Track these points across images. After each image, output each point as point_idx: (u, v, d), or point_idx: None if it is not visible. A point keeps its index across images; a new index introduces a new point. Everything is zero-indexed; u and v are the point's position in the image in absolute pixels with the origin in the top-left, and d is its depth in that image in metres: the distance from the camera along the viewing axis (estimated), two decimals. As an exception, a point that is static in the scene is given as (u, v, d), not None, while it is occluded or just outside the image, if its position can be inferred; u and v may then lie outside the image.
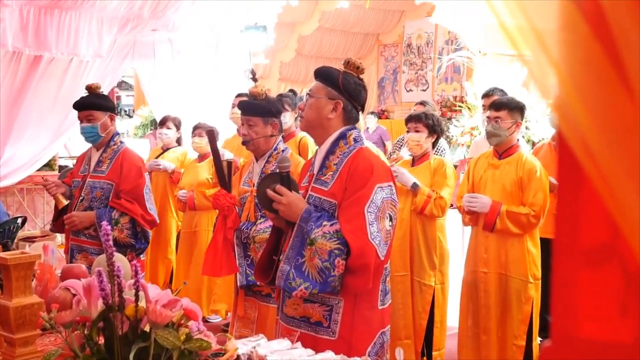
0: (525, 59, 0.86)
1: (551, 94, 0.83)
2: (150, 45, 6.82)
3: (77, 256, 3.59)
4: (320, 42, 13.26)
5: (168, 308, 1.46)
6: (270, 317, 3.04)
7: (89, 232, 3.58)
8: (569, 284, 0.82)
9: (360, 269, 2.19)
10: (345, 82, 2.35)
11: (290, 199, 2.28)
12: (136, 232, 3.59)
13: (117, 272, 1.42)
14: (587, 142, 0.78)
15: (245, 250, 3.11)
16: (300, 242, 2.26)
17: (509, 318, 3.66)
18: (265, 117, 3.12)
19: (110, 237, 1.45)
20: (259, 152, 3.19)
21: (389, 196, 2.27)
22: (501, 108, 3.68)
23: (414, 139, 4.07)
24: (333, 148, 2.37)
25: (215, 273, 3.17)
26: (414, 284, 4.07)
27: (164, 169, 5.54)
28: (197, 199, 5.09)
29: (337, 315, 2.28)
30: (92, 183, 3.60)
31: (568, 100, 0.79)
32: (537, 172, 3.60)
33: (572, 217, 0.84)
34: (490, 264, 3.69)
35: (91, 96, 3.61)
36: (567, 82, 0.80)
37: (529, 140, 5.63)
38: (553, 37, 0.80)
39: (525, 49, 0.84)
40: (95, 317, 1.50)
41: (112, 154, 3.62)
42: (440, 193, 3.96)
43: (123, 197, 3.56)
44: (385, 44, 14.34)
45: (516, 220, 3.59)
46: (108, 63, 6.46)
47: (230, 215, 3.10)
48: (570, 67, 0.80)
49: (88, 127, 3.57)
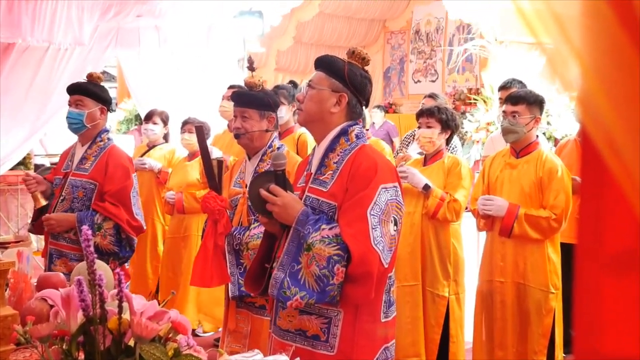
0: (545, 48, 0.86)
1: (573, 86, 0.83)
2: (135, 33, 6.83)
3: (56, 261, 3.59)
4: (320, 28, 13.26)
5: (154, 321, 1.47)
6: (265, 331, 3.03)
7: (69, 236, 3.58)
8: (593, 294, 0.82)
9: (362, 277, 2.18)
10: (351, 73, 2.35)
11: (285, 200, 2.28)
12: (120, 239, 3.59)
13: (98, 281, 1.42)
14: (613, 138, 0.78)
15: (238, 258, 3.11)
16: (296, 248, 2.26)
17: (528, 332, 3.66)
18: (262, 109, 3.12)
19: (92, 242, 1.45)
20: (251, 149, 3.18)
21: (393, 198, 2.27)
22: (519, 102, 3.68)
23: (425, 136, 4.06)
24: (333, 145, 2.36)
25: (205, 283, 3.16)
26: (426, 295, 4.06)
27: (150, 168, 5.54)
28: (186, 201, 5.09)
29: (336, 328, 2.28)
30: (73, 181, 3.60)
31: (591, 93, 0.79)
32: (558, 172, 3.60)
33: (596, 220, 0.84)
34: (507, 272, 3.69)
35: (88, 82, 3.67)
36: (590, 73, 0.80)
37: (551, 137, 5.64)
38: (575, 24, 0.81)
39: (544, 36, 0.84)
40: (75, 331, 1.50)
41: (98, 151, 3.63)
42: (454, 195, 3.94)
43: (107, 199, 3.55)
44: (392, 31, 14.34)
45: (536, 224, 3.58)
46: (89, 52, 6.45)
47: (221, 219, 3.09)
48: (593, 57, 0.80)
49: (74, 112, 3.59)
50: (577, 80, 0.81)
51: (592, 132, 0.81)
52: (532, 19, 0.85)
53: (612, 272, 0.82)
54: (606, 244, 0.83)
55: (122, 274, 1.43)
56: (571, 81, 0.83)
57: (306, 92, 2.39)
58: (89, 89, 3.63)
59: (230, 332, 3.20)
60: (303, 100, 2.39)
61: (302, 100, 2.40)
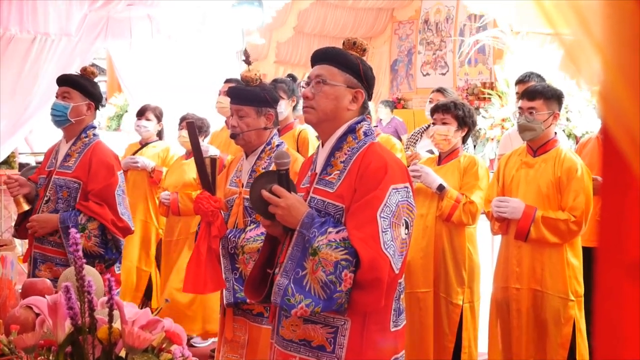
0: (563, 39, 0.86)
1: (594, 80, 0.84)
2: (126, 22, 6.83)
3: (41, 267, 3.60)
4: (323, 18, 13.24)
5: (147, 330, 1.47)
6: (263, 340, 3.03)
7: (55, 239, 3.58)
8: (614, 301, 0.82)
9: (372, 283, 2.18)
10: (365, 68, 2.36)
11: (289, 202, 2.27)
12: (106, 241, 3.60)
13: (87, 288, 1.42)
14: (636, 136, 0.79)
15: (233, 262, 3.10)
16: (300, 252, 2.25)
17: (547, 342, 3.66)
18: (259, 106, 3.12)
19: (80, 246, 1.46)
20: (249, 148, 3.19)
21: (405, 199, 2.27)
22: (535, 97, 3.68)
23: (441, 133, 4.05)
24: (340, 143, 2.36)
25: (198, 290, 3.15)
26: (440, 302, 4.06)
27: (143, 167, 5.55)
28: (182, 202, 5.09)
29: (343, 338, 2.28)
30: (57, 180, 3.61)
31: (613, 88, 0.79)
32: (577, 171, 3.59)
33: (618, 223, 0.84)
34: (523, 279, 3.68)
35: (79, 75, 3.71)
36: (612, 66, 0.80)
37: (570, 134, 5.63)
38: (595, 13, 0.81)
39: (563, 27, 0.84)
40: (62, 341, 1.51)
41: (82, 147, 3.64)
42: (470, 197, 3.92)
43: (91, 198, 3.56)
44: (399, 21, 14.32)
45: (554, 227, 3.58)
46: (76, 43, 6.46)
47: (215, 221, 3.09)
48: (615, 49, 0.80)
49: (59, 104, 3.61)
50: (598, 74, 0.82)
51: (614, 129, 0.81)
52: (549, 8, 0.85)
53: (635, 278, 0.82)
54: (629, 248, 0.83)
55: (112, 279, 1.43)
56: (592, 75, 0.83)
57: (314, 88, 2.35)
58: (77, 81, 3.66)
59: (226, 341, 3.20)
60: (313, 97, 2.34)
61: (311, 97, 2.35)
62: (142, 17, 6.85)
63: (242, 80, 3.20)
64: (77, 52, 6.55)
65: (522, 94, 3.84)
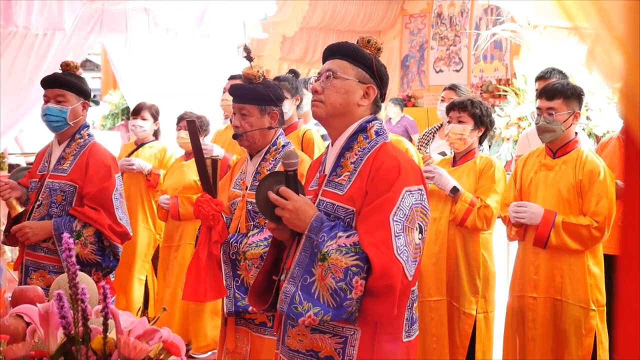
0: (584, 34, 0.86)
1: (616, 77, 0.84)
2: (122, 16, 6.85)
3: (33, 275, 3.60)
4: (331, 11, 13.25)
5: (144, 340, 1.47)
6: (266, 351, 3.04)
7: (47, 246, 3.58)
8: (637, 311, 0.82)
9: (384, 291, 2.17)
10: (378, 65, 2.37)
11: (297, 204, 2.27)
12: (103, 248, 3.59)
13: (81, 296, 1.43)
14: (660, 136, 0.79)
15: (235, 269, 3.10)
16: (309, 258, 2.25)
17: (566, 354, 3.64)
18: (262, 105, 3.12)
19: (73, 252, 1.46)
20: (253, 148, 3.19)
21: (418, 202, 2.26)
22: (555, 96, 3.66)
23: (456, 132, 4.04)
24: (350, 143, 2.36)
25: (198, 298, 3.15)
26: (453, 311, 4.05)
27: (139, 169, 5.54)
28: (182, 206, 5.09)
29: (353, 349, 2.27)
30: (51, 184, 3.60)
31: (636, 85, 0.79)
32: (600, 174, 3.58)
33: (640, 228, 0.84)
34: (541, 287, 3.67)
35: (67, 74, 3.64)
36: (634, 62, 0.80)
37: (591, 134, 5.62)
38: (617, 7, 0.81)
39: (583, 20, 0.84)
40: (55, 351, 1.51)
41: (77, 149, 3.63)
42: (486, 201, 3.91)
43: (87, 203, 3.55)
44: (411, 14, 14.31)
45: (575, 233, 3.56)
46: (70, 38, 6.49)
47: (216, 226, 3.09)
48: (638, 44, 0.80)
49: (56, 109, 3.57)
50: (620, 71, 0.82)
51: (636, 129, 0.81)
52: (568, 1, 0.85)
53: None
54: (652, 255, 0.83)
55: (107, 287, 1.44)
56: (613, 71, 0.83)
57: (323, 82, 2.35)
58: (70, 82, 3.60)
59: (228, 351, 3.20)
60: (322, 91, 2.35)
61: (320, 91, 2.36)
62: (138, 9, 6.87)
63: (243, 77, 3.21)
64: (70, 47, 6.57)
65: (540, 93, 3.81)
